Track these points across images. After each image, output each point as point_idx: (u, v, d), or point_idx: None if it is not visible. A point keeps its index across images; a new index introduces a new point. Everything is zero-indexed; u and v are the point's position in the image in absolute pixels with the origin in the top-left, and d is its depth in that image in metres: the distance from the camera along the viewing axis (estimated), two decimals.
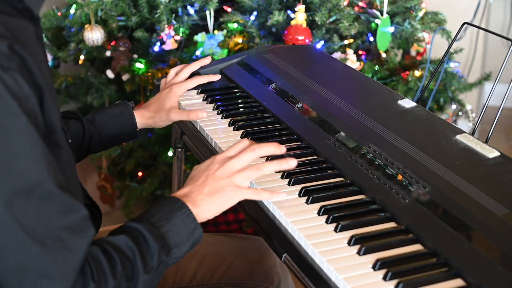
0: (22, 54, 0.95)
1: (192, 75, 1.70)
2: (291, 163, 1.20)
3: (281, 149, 1.21)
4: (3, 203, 0.92)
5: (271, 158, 1.36)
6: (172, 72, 1.66)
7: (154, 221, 1.09)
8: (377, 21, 2.26)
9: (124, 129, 1.55)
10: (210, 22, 2.31)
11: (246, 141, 1.21)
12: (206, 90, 1.76)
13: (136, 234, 1.07)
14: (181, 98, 1.74)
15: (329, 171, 1.37)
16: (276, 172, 1.36)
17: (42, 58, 1.04)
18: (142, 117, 1.57)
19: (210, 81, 1.66)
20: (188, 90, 1.78)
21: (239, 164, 1.18)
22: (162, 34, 2.29)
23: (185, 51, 2.32)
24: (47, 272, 0.94)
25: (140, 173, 2.59)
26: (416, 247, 1.13)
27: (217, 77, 1.65)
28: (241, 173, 1.17)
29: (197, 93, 1.76)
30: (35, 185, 0.94)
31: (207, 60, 1.70)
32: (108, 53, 2.42)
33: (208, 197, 1.15)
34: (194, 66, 1.67)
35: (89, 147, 1.54)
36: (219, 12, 2.37)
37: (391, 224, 1.19)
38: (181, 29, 2.32)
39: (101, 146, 1.56)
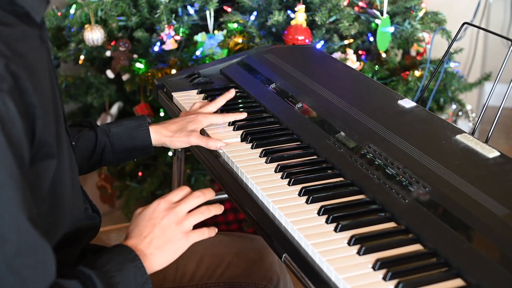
0: (17, 73, 0.93)
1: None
2: (222, 208, 1.24)
3: (214, 194, 1.25)
4: None
5: None
6: (197, 104, 1.63)
7: (106, 270, 1.06)
8: (377, 21, 2.26)
9: (139, 143, 1.52)
10: (210, 22, 2.31)
11: (186, 188, 1.22)
12: (206, 90, 1.76)
13: (87, 282, 1.04)
14: (180, 98, 1.74)
15: (329, 171, 1.37)
16: (276, 172, 1.36)
17: (43, 65, 1.02)
18: (159, 134, 1.53)
19: (237, 119, 1.60)
20: (188, 90, 1.78)
21: (186, 209, 1.18)
22: (162, 34, 2.29)
23: (185, 51, 2.32)
24: None
25: (140, 173, 2.59)
26: (416, 247, 1.13)
27: (244, 115, 1.60)
28: (189, 219, 1.17)
29: (197, 93, 1.76)
30: (7, 214, 0.91)
31: (232, 94, 1.67)
32: (108, 53, 2.42)
33: (158, 250, 1.14)
34: (220, 102, 1.63)
35: (101, 159, 1.51)
36: (219, 12, 2.37)
37: (391, 224, 1.19)
38: (181, 29, 2.32)
39: (114, 159, 1.52)
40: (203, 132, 1.56)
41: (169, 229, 1.15)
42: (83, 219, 1.19)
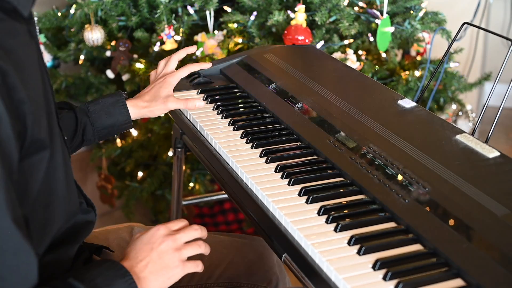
0: (4, 69, 0.93)
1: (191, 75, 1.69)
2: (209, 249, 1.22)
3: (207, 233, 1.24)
4: None
5: None
6: (162, 63, 1.64)
7: (95, 285, 1.05)
8: (377, 21, 2.26)
9: (118, 119, 1.53)
10: (210, 22, 2.31)
11: (185, 221, 1.22)
12: (206, 90, 1.76)
13: None
14: (181, 97, 1.74)
15: (329, 171, 1.37)
16: (276, 172, 1.36)
17: (32, 60, 1.02)
18: (136, 107, 1.54)
19: (202, 68, 1.64)
20: (188, 90, 1.78)
21: (185, 239, 1.17)
22: (162, 34, 2.29)
23: None
24: None
25: (140, 173, 2.59)
26: (416, 247, 1.13)
27: (208, 65, 1.63)
28: (187, 248, 1.16)
29: (197, 93, 1.76)
30: None
31: (192, 49, 1.66)
32: (108, 53, 2.42)
33: (153, 275, 1.12)
34: (181, 54, 1.64)
35: (83, 138, 1.52)
36: (219, 12, 2.37)
37: (391, 224, 1.19)
38: (181, 29, 2.32)
39: (95, 137, 1.53)
40: (202, 132, 1.57)
41: (166, 254, 1.14)
42: (78, 214, 1.19)
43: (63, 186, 1.09)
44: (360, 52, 2.35)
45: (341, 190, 1.30)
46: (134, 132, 2.52)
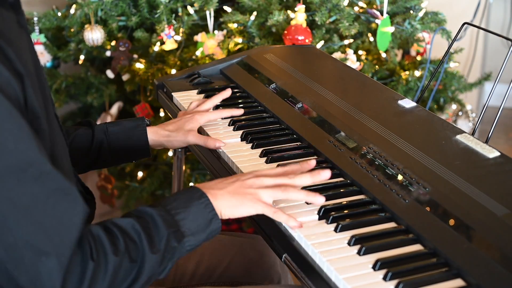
0: None
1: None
2: (319, 199, 1.20)
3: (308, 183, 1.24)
4: None
5: None
6: (194, 103, 1.62)
7: (170, 208, 1.09)
8: (377, 21, 2.26)
9: (135, 143, 1.51)
10: (210, 22, 2.31)
11: (289, 169, 1.23)
12: (206, 90, 1.76)
13: (146, 218, 1.06)
14: (180, 98, 1.74)
15: None
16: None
17: (24, 46, 1.03)
18: (156, 134, 1.52)
19: (234, 115, 1.59)
20: (188, 90, 1.78)
21: (270, 182, 1.19)
22: (162, 34, 2.29)
23: (185, 51, 2.32)
24: (44, 249, 0.94)
25: (140, 173, 2.59)
26: (416, 247, 1.13)
27: (240, 111, 1.60)
28: (268, 190, 1.18)
29: (197, 93, 1.76)
30: (27, 165, 0.94)
31: (228, 93, 1.65)
32: (108, 53, 2.42)
33: (229, 194, 1.15)
34: (216, 100, 1.62)
35: (98, 157, 1.51)
36: (219, 12, 2.37)
37: (391, 224, 1.19)
38: (181, 29, 2.32)
39: (111, 159, 1.52)
40: (203, 132, 1.56)
41: (248, 188, 1.17)
42: None
43: (61, 169, 1.10)
44: (360, 52, 2.35)
45: (341, 190, 1.30)
46: None
